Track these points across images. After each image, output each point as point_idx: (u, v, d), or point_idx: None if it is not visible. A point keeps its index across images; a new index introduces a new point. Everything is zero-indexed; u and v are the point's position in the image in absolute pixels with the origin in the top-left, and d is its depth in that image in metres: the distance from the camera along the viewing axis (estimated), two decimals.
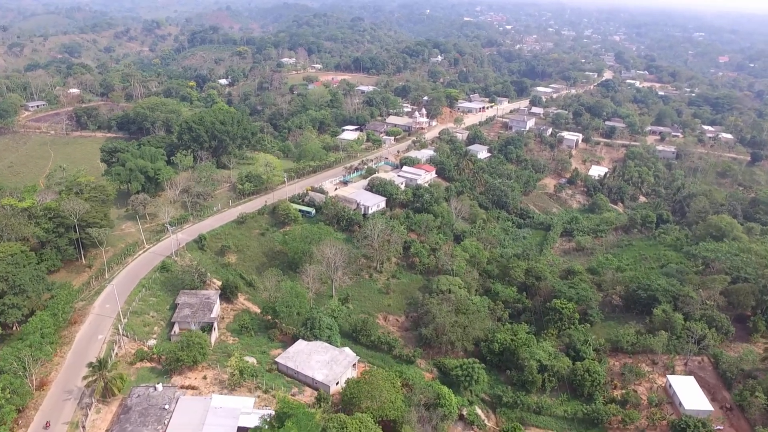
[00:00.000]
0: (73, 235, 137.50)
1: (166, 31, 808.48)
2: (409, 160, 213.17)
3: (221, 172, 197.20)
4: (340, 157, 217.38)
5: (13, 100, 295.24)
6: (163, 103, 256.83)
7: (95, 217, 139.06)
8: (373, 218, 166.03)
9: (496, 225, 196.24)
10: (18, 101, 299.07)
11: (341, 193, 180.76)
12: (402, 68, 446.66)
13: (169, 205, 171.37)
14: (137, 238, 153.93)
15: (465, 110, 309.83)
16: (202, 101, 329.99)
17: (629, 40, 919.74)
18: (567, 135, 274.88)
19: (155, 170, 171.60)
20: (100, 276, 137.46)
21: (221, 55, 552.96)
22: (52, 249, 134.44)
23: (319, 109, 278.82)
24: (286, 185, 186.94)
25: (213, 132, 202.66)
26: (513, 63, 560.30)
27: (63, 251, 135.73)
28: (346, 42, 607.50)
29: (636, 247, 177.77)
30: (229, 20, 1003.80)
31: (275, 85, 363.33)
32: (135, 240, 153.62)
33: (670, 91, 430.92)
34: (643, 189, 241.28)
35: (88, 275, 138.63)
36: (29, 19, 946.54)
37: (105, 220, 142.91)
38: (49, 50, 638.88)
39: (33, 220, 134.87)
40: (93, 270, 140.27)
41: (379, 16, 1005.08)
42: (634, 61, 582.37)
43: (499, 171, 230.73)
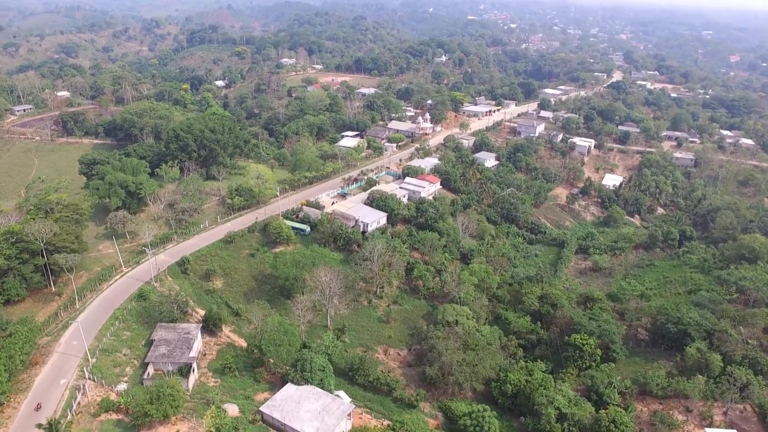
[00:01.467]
0: (40, 261, 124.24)
1: (165, 31, 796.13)
2: (412, 170, 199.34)
3: (210, 184, 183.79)
4: (339, 167, 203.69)
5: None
6: (152, 109, 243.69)
7: (65, 241, 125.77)
8: (372, 237, 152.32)
9: (505, 241, 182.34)
10: (3, 105, 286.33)
11: (338, 208, 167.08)
12: (405, 69, 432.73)
13: (151, 222, 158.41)
14: (115, 260, 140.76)
15: (471, 114, 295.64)
16: (196, 104, 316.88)
17: (636, 38, 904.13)
18: (579, 141, 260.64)
19: (137, 184, 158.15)
20: (70, 306, 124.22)
21: (220, 55, 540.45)
22: (16, 277, 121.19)
23: (317, 113, 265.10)
24: (279, 199, 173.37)
25: (202, 140, 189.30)
26: (519, 63, 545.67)
27: (28, 279, 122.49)
28: (348, 41, 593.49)
29: (659, 267, 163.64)
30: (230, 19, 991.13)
31: (273, 88, 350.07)
32: (113, 263, 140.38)
33: (682, 92, 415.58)
34: (660, 200, 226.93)
35: (57, 305, 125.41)
36: (28, 18, 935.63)
37: (76, 243, 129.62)
38: (45, 50, 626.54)
39: None
40: (63, 299, 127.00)
41: (382, 14, 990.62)
42: (644, 60, 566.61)
43: (508, 181, 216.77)
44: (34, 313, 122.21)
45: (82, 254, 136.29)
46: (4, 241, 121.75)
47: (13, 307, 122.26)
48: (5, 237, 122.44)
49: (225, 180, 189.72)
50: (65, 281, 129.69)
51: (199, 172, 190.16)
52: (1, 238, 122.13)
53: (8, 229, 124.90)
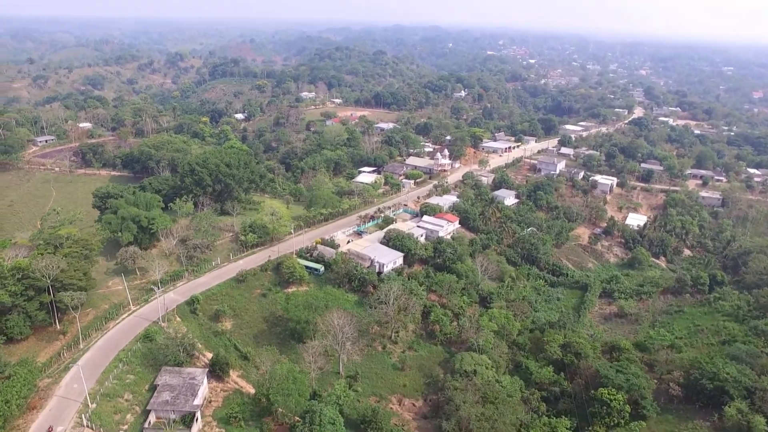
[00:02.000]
0: (46, 298, 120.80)
1: (189, 64, 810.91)
2: (430, 208, 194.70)
3: (224, 219, 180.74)
4: (355, 204, 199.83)
5: (21, 135, 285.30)
6: (169, 142, 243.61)
7: (72, 278, 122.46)
8: (388, 279, 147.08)
9: (526, 283, 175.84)
10: (25, 136, 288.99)
11: (354, 247, 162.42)
12: (424, 104, 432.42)
13: (163, 258, 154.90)
14: (124, 297, 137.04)
15: (490, 150, 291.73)
16: (214, 137, 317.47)
17: (656, 74, 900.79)
18: (601, 179, 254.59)
19: (149, 219, 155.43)
20: (74, 346, 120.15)
21: (241, 88, 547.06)
22: (20, 315, 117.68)
23: (335, 148, 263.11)
24: (294, 236, 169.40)
25: (217, 175, 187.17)
26: (538, 98, 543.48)
27: (33, 317, 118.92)
28: (368, 75, 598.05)
29: (688, 315, 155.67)
30: (252, 53, 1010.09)
31: (291, 121, 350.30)
32: (121, 300, 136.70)
33: (706, 129, 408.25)
34: (687, 241, 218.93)
35: (61, 344, 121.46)
36: (60, 51, 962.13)
37: (84, 280, 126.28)
38: (72, 82, 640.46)
39: None
40: (67, 338, 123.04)
41: (402, 49, 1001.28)
42: (665, 96, 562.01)
43: (528, 220, 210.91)
44: (36, 352, 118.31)
45: (91, 291, 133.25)
46: (11, 276, 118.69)
47: (15, 346, 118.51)
48: (12, 273, 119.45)
49: (240, 215, 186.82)
50: (71, 319, 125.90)
51: (214, 207, 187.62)
52: (7, 274, 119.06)
53: (15, 264, 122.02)
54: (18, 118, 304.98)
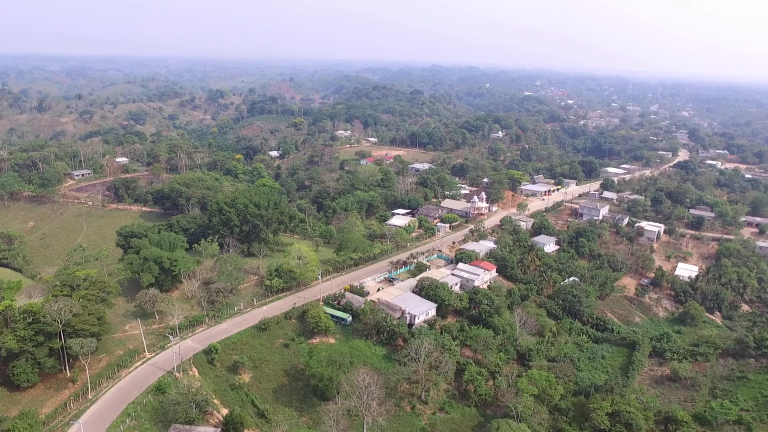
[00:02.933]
0: (56, 344, 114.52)
1: (229, 101, 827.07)
2: (465, 255, 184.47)
3: (250, 261, 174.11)
4: (387, 248, 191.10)
5: (59, 169, 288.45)
6: (200, 179, 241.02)
7: (85, 323, 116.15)
8: (420, 333, 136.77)
9: (567, 339, 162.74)
10: (63, 170, 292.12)
11: (384, 296, 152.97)
12: (460, 144, 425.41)
13: (183, 301, 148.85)
14: (140, 343, 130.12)
15: (529, 194, 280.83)
16: (247, 174, 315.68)
17: (699, 115, 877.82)
18: (647, 225, 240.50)
19: (172, 261, 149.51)
20: (83, 396, 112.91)
21: (278, 126, 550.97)
22: (28, 361, 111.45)
23: (368, 188, 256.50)
24: (321, 282, 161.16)
25: (245, 215, 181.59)
26: (578, 140, 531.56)
27: (41, 364, 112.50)
28: (404, 115, 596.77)
29: (753, 382, 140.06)
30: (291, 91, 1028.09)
31: (325, 160, 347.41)
32: (136, 346, 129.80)
33: (758, 173, 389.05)
34: (745, 295, 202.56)
35: (69, 393, 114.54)
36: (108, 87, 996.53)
37: (98, 325, 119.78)
38: (116, 117, 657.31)
39: (9, 325, 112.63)
40: (76, 386, 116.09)
41: (439, 89, 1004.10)
42: (711, 139, 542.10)
43: (570, 268, 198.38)
44: (42, 401, 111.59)
45: (106, 336, 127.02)
46: (21, 320, 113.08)
47: (21, 394, 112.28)
48: (23, 316, 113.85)
49: (267, 257, 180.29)
50: (82, 366, 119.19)
51: (240, 248, 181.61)
52: (18, 317, 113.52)
53: (27, 307, 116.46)
54: (57, 152, 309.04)
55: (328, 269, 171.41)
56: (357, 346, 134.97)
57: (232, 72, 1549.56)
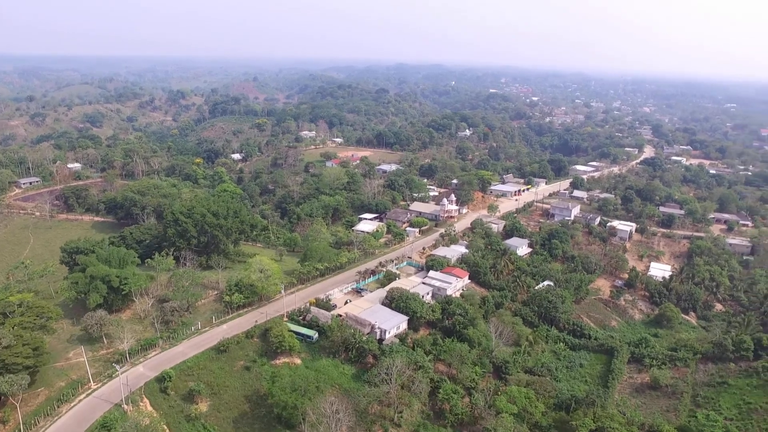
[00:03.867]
0: None
1: (190, 101, 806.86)
2: (436, 261, 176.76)
3: (209, 275, 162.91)
4: (354, 257, 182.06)
5: (3, 177, 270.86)
6: (155, 186, 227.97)
7: (18, 355, 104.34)
8: (391, 349, 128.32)
9: (544, 347, 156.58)
10: (8, 178, 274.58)
11: (352, 310, 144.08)
12: (428, 143, 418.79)
13: (136, 322, 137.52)
14: (84, 372, 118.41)
15: (499, 194, 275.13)
16: (208, 179, 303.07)
17: (660, 111, 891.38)
18: (619, 225, 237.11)
19: (121, 279, 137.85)
20: None
21: (241, 127, 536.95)
22: None
23: (334, 192, 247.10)
24: (285, 295, 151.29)
25: (203, 226, 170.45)
26: (544, 137, 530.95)
27: None
28: (370, 114, 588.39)
29: (734, 388, 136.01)
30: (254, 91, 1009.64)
31: (289, 162, 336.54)
32: (81, 376, 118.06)
33: (721, 169, 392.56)
34: (718, 294, 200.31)
35: None
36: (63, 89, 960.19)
37: (34, 356, 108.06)
38: (71, 120, 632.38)
39: None
40: (8, 429, 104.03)
41: (404, 87, 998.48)
42: (673, 134, 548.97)
43: (544, 272, 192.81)
44: None
45: (45, 366, 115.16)
46: None
47: None
48: None
49: (228, 269, 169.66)
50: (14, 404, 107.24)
51: (198, 261, 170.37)
52: None
53: None
54: (2, 158, 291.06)
55: (293, 281, 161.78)
56: (324, 367, 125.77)
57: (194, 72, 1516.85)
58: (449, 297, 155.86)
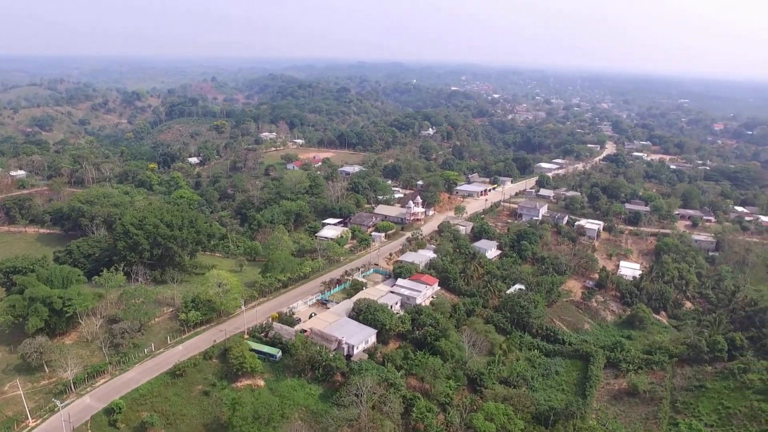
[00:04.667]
0: None
1: (146, 103, 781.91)
2: (404, 268, 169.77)
3: (164, 291, 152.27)
4: (319, 265, 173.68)
5: None
6: (105, 195, 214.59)
7: None
8: (360, 368, 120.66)
9: (519, 355, 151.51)
10: None
11: (317, 324, 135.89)
12: (391, 143, 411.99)
13: (82, 347, 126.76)
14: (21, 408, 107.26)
15: (465, 194, 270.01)
16: (164, 185, 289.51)
17: (618, 107, 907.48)
18: (587, 224, 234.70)
19: (64, 299, 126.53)
20: None
21: (199, 129, 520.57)
22: None
23: (296, 197, 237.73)
24: (245, 310, 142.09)
25: (156, 238, 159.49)
26: (507, 134, 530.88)
27: None
28: (332, 114, 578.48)
29: (712, 392, 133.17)
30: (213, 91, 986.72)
31: (249, 165, 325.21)
32: (17, 411, 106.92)
33: (681, 164, 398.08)
34: (687, 292, 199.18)
35: None
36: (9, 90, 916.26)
37: None
38: (17, 124, 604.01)
39: None
40: None
41: (366, 86, 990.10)
42: (633, 130, 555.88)
43: (514, 275, 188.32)
44: None
45: None
46: None
47: None
48: None
49: (186, 282, 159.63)
50: None
51: (152, 275, 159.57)
52: None
53: None
54: None
55: (253, 294, 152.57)
56: (289, 388, 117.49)
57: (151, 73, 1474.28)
58: (419, 306, 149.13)
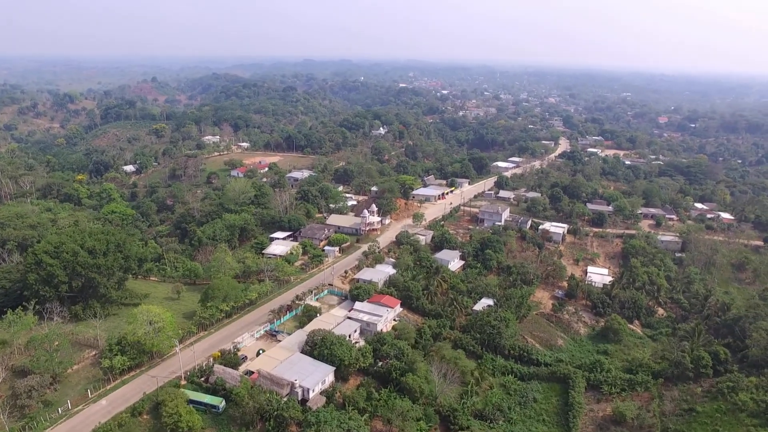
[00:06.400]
0: None
1: (80, 106, 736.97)
2: (362, 289, 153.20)
3: (85, 330, 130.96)
4: (266, 289, 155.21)
5: None
6: (18, 215, 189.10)
7: None
8: (317, 418, 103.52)
9: (492, 382, 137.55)
10: None
11: (266, 365, 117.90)
12: (341, 144, 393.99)
13: None
14: None
15: (422, 199, 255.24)
16: (94, 198, 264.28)
17: (564, 101, 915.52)
18: (552, 228, 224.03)
19: None
20: None
21: (137, 133, 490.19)
22: None
23: (240, 209, 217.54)
24: (182, 348, 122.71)
25: (75, 267, 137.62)
26: (460, 132, 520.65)
27: None
28: (278, 114, 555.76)
29: (703, 415, 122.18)
30: (154, 92, 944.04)
31: (190, 173, 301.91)
32: None
33: (635, 159, 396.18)
34: (659, 298, 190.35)
35: None
36: None
37: None
38: None
39: None
40: None
41: (313, 84, 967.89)
42: (584, 125, 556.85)
43: (480, 288, 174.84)
44: None
45: None
46: None
47: None
48: None
49: (114, 316, 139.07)
50: None
51: (72, 311, 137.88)
52: None
53: None
54: None
55: (191, 329, 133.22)
56: None
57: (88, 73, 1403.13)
58: (381, 335, 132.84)
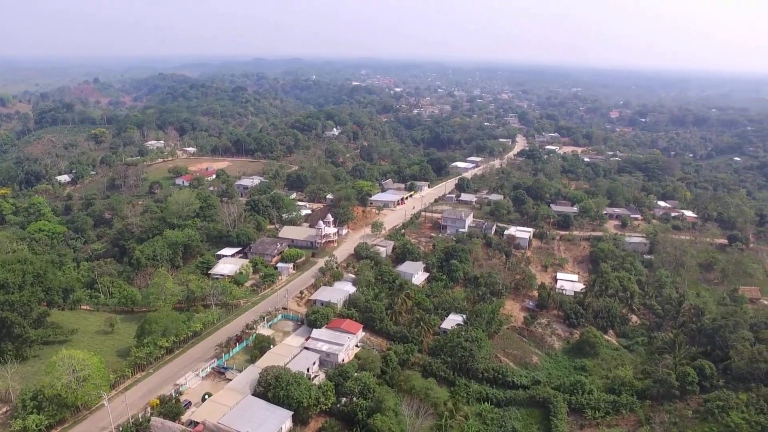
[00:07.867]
0: None
1: (13, 109, 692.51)
2: (320, 313, 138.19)
3: None
4: (213, 318, 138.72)
5: None
6: None
7: None
8: None
9: (467, 411, 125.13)
10: None
11: (212, 414, 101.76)
12: (293, 147, 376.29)
13: None
14: None
15: (380, 205, 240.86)
16: (22, 214, 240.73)
17: (517, 97, 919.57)
18: (517, 233, 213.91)
19: None
20: None
21: (75, 139, 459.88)
22: None
23: (183, 223, 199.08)
24: (108, 403, 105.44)
25: None
26: (415, 130, 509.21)
27: None
28: (227, 116, 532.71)
29: None
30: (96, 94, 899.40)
31: (130, 183, 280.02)
32: None
33: (593, 156, 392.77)
34: (633, 305, 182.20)
35: None
36: None
37: None
38: None
39: None
40: None
41: (263, 84, 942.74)
42: (539, 122, 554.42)
43: (447, 303, 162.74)
44: None
45: None
46: None
47: None
48: None
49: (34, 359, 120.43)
50: None
51: None
52: None
53: None
54: None
55: (125, 372, 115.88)
56: None
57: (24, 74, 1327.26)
58: (344, 370, 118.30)
